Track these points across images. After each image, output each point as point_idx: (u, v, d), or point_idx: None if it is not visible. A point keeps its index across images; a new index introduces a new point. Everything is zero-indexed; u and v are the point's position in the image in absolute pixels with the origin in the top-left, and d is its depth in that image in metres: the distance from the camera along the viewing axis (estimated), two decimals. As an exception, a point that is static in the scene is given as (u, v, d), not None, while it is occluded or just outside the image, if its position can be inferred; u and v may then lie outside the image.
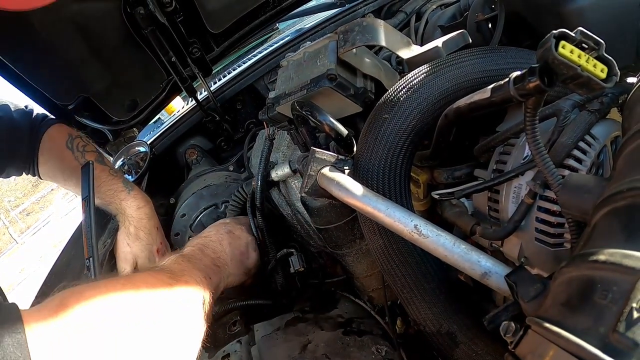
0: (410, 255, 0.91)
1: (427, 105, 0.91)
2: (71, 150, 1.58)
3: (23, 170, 1.61)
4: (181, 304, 0.93)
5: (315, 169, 0.89)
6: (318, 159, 0.89)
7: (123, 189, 1.57)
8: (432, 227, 0.74)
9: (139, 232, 1.57)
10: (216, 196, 1.76)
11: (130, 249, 1.57)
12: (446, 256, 0.72)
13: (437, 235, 0.73)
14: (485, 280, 0.72)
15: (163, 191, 1.94)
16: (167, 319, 0.85)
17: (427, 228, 0.73)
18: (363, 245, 1.19)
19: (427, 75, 0.93)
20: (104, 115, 1.88)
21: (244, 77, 2.11)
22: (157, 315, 0.84)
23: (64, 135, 1.60)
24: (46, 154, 1.58)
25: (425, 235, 0.73)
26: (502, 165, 0.87)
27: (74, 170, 1.53)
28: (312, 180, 0.89)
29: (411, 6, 2.06)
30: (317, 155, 0.89)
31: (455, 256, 0.72)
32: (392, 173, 0.91)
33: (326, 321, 1.35)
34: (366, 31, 1.10)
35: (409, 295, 0.93)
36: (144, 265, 1.59)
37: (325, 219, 1.15)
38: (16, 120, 1.56)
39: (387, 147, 0.91)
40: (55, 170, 1.61)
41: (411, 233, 0.73)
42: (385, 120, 0.91)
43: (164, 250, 1.64)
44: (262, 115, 1.30)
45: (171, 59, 1.73)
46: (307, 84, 1.13)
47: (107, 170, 1.58)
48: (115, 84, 1.80)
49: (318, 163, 0.89)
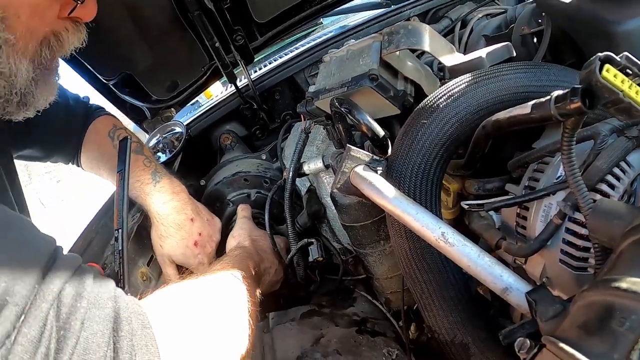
0: (433, 262, 0.91)
1: (466, 115, 0.91)
2: (111, 139, 1.54)
3: (69, 159, 1.59)
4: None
5: (349, 166, 0.90)
6: (353, 156, 0.90)
7: (150, 182, 1.50)
8: (459, 236, 0.74)
9: (168, 229, 1.49)
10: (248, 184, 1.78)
11: (162, 250, 1.51)
12: (469, 266, 0.73)
13: (462, 244, 0.73)
14: (506, 295, 0.72)
15: (194, 172, 1.96)
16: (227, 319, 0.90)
17: (453, 236, 0.73)
18: (387, 247, 1.20)
19: (468, 85, 0.93)
20: (144, 93, 1.92)
21: (284, 68, 2.12)
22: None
23: (108, 125, 1.57)
24: (89, 144, 1.56)
25: (451, 244, 0.73)
26: (534, 182, 0.86)
27: (111, 157, 1.49)
28: (344, 177, 0.90)
29: (457, 13, 2.06)
30: (352, 153, 0.90)
31: (478, 268, 0.72)
32: (424, 178, 0.91)
33: (341, 318, 1.37)
34: (411, 35, 1.11)
35: (427, 301, 0.93)
36: (183, 262, 1.53)
37: (352, 217, 1.16)
38: (72, 107, 1.55)
39: (422, 152, 0.91)
40: (93, 159, 1.57)
41: (437, 240, 0.74)
42: (423, 125, 0.91)
43: (207, 240, 1.58)
44: (300, 108, 1.32)
45: (215, 44, 1.75)
46: (348, 82, 1.14)
47: (142, 159, 1.51)
48: (158, 63, 1.84)
49: (352, 161, 0.90)
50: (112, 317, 0.63)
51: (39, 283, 0.58)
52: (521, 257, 0.83)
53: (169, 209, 1.49)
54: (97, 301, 0.63)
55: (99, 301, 0.63)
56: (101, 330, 0.60)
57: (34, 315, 0.55)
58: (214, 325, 0.85)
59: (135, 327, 0.65)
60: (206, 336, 0.80)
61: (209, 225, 1.59)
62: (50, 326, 0.56)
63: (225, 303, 0.93)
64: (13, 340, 0.52)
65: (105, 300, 0.64)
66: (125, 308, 0.66)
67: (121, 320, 0.64)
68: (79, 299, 0.60)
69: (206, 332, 0.81)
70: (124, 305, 0.66)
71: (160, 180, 1.51)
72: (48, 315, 0.56)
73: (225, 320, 0.89)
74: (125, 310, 0.66)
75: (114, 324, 0.63)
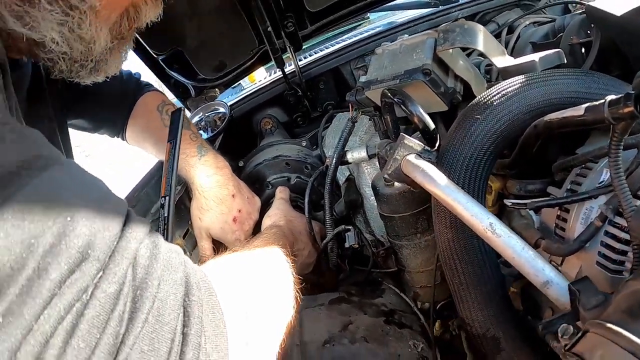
0: (474, 255, 0.93)
1: (518, 114, 0.93)
2: (160, 113, 1.56)
3: (116, 132, 1.61)
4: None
5: (401, 154, 0.91)
6: (406, 145, 0.91)
7: (195, 155, 1.51)
8: (505, 228, 0.75)
9: (209, 202, 1.52)
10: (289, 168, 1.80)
11: (201, 223, 1.54)
12: (514, 258, 0.74)
13: (508, 236, 0.74)
14: (546, 288, 0.73)
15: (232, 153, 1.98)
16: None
17: (500, 228, 0.75)
18: (422, 240, 1.21)
19: (522, 86, 0.95)
20: (191, 71, 1.95)
21: (331, 58, 2.12)
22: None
23: (157, 100, 1.59)
24: (136, 117, 1.57)
25: (498, 234, 0.74)
26: (576, 186, 0.87)
27: (156, 130, 1.53)
28: (396, 164, 0.92)
29: (504, 18, 2.06)
30: (405, 141, 0.91)
31: (522, 260, 0.73)
32: (474, 172, 0.93)
33: (370, 307, 1.38)
34: (467, 33, 1.12)
35: (464, 293, 0.95)
36: (220, 236, 1.55)
37: (392, 208, 1.18)
38: (125, 82, 1.58)
39: (473, 146, 0.93)
40: (139, 132, 1.59)
41: (485, 229, 0.75)
42: (477, 120, 0.93)
43: (246, 218, 1.59)
44: (350, 96, 1.34)
45: (267, 28, 1.76)
46: (401, 75, 1.16)
47: (188, 134, 1.52)
48: (209, 43, 1.87)
49: (405, 149, 0.91)
50: (183, 282, 0.63)
51: (117, 240, 0.57)
52: (560, 256, 0.85)
53: (212, 182, 1.51)
54: (170, 264, 0.63)
55: (171, 264, 0.63)
56: (174, 293, 0.61)
57: (113, 272, 0.55)
58: (268, 294, 0.86)
59: (203, 294, 0.65)
60: (261, 305, 0.81)
61: (249, 203, 1.61)
62: (128, 285, 0.56)
63: (275, 275, 0.94)
64: (90, 294, 0.52)
65: (177, 264, 0.64)
66: (193, 274, 0.66)
67: (191, 286, 0.64)
68: (154, 261, 0.61)
69: (261, 301, 0.82)
70: (193, 272, 0.67)
71: (206, 155, 1.53)
72: (127, 273, 0.56)
73: (277, 290, 0.90)
74: (194, 276, 0.66)
75: (185, 289, 0.63)
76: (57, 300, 0.49)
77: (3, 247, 0.46)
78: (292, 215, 1.54)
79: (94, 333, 0.51)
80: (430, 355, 1.23)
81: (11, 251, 0.47)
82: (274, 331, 0.82)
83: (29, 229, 0.48)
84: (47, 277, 0.49)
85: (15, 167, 0.51)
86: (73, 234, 0.52)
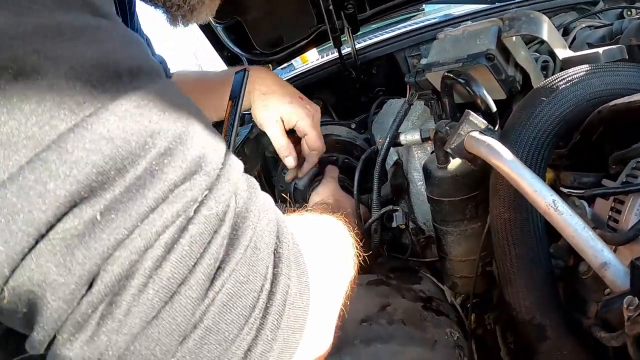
0: (529, 238, 0.92)
1: (582, 100, 0.93)
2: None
3: None
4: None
5: (465, 130, 0.91)
6: (471, 121, 0.91)
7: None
8: (567, 206, 0.75)
9: (271, 87, 1.50)
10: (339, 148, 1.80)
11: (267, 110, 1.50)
12: (574, 237, 0.73)
13: (570, 215, 0.74)
14: (603, 270, 0.72)
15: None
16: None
17: (563, 206, 0.74)
18: (468, 228, 1.20)
19: (587, 73, 0.95)
20: (248, 43, 1.97)
21: (387, 44, 2.13)
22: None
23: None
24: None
25: (560, 212, 0.74)
26: (632, 178, 0.87)
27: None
28: (459, 140, 0.92)
29: (559, 20, 2.04)
30: (470, 118, 0.91)
31: (582, 239, 0.72)
32: (536, 152, 0.93)
33: (408, 291, 1.37)
34: (532, 22, 1.12)
35: (514, 276, 0.95)
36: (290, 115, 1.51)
37: (442, 190, 1.17)
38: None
39: (538, 127, 0.93)
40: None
41: (548, 206, 0.74)
42: (542, 102, 0.93)
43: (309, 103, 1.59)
44: (409, 78, 1.33)
45: (329, 7, 1.77)
46: (464, 58, 1.16)
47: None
48: (268, 17, 1.88)
49: (470, 126, 0.91)
50: (275, 223, 0.61)
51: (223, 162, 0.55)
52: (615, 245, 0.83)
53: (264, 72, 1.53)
54: (265, 203, 0.61)
55: (266, 203, 0.61)
56: (269, 230, 0.58)
57: (220, 193, 0.52)
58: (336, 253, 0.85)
59: (289, 240, 0.63)
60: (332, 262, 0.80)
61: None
62: (232, 210, 0.53)
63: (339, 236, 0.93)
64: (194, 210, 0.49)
65: (269, 205, 0.62)
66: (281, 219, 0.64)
67: (282, 229, 0.62)
68: (254, 195, 0.58)
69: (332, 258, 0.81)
70: (281, 216, 0.65)
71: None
72: (231, 197, 0.54)
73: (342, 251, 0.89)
74: (282, 221, 0.64)
75: (277, 229, 0.61)
76: (165, 207, 0.47)
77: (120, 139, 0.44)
78: (340, 194, 1.54)
79: (195, 251, 0.48)
80: (465, 346, 1.22)
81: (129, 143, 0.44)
82: (341, 287, 0.81)
83: (146, 126, 0.46)
84: (161, 178, 0.46)
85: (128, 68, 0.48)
86: (190, 142, 0.50)
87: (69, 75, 0.43)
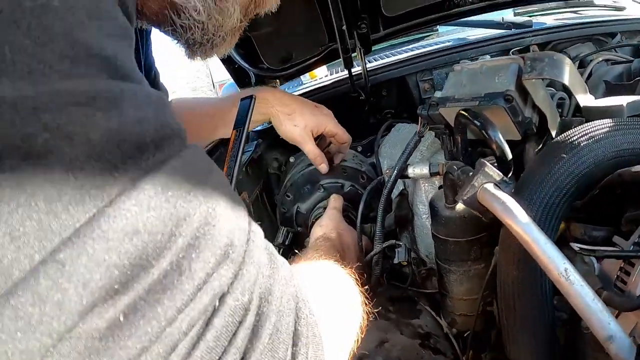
0: (536, 300, 0.90)
1: (603, 159, 0.90)
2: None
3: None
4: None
5: (479, 181, 0.88)
6: (486, 173, 0.88)
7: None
8: (578, 276, 0.72)
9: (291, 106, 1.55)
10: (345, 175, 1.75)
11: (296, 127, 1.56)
12: (583, 308, 0.70)
13: (581, 285, 0.71)
14: (608, 343, 0.69)
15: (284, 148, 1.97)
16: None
17: (574, 275, 0.71)
18: (472, 268, 1.17)
19: (610, 131, 0.92)
20: (256, 58, 1.95)
21: (398, 67, 2.10)
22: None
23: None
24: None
25: (571, 282, 0.71)
26: (644, 242, 0.84)
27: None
28: (473, 191, 0.89)
29: (576, 51, 2.02)
30: (486, 169, 0.88)
31: (590, 311, 0.70)
32: (551, 211, 0.90)
33: (406, 327, 1.37)
34: (555, 65, 1.09)
35: (517, 333, 0.92)
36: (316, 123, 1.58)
37: (449, 231, 1.14)
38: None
39: (555, 185, 0.90)
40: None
41: (559, 275, 0.72)
42: (562, 159, 0.90)
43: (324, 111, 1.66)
44: (422, 110, 1.30)
45: (342, 26, 1.74)
46: (481, 97, 1.12)
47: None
48: (279, 33, 1.86)
49: (484, 177, 0.88)
50: (295, 297, 0.58)
51: (247, 242, 0.51)
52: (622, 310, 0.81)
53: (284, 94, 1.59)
54: (286, 275, 0.57)
55: (286, 275, 0.58)
56: (289, 308, 0.55)
57: (246, 279, 0.49)
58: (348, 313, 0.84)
59: (307, 314, 0.59)
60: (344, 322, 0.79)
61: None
62: (257, 295, 0.51)
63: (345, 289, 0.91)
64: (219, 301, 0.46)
65: (289, 275, 0.59)
66: (299, 291, 0.61)
67: (300, 303, 0.59)
68: (276, 270, 0.55)
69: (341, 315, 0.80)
70: (299, 288, 0.61)
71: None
72: (256, 281, 0.51)
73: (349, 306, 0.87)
74: (300, 292, 0.60)
75: (296, 305, 0.57)
76: (193, 305, 0.43)
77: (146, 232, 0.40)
78: (342, 227, 1.51)
79: (220, 345, 0.45)
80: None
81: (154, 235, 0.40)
82: (350, 345, 0.80)
83: (172, 213, 0.42)
84: (191, 275, 0.43)
85: (151, 139, 0.44)
86: (217, 226, 0.46)
87: (85, 155, 0.38)
